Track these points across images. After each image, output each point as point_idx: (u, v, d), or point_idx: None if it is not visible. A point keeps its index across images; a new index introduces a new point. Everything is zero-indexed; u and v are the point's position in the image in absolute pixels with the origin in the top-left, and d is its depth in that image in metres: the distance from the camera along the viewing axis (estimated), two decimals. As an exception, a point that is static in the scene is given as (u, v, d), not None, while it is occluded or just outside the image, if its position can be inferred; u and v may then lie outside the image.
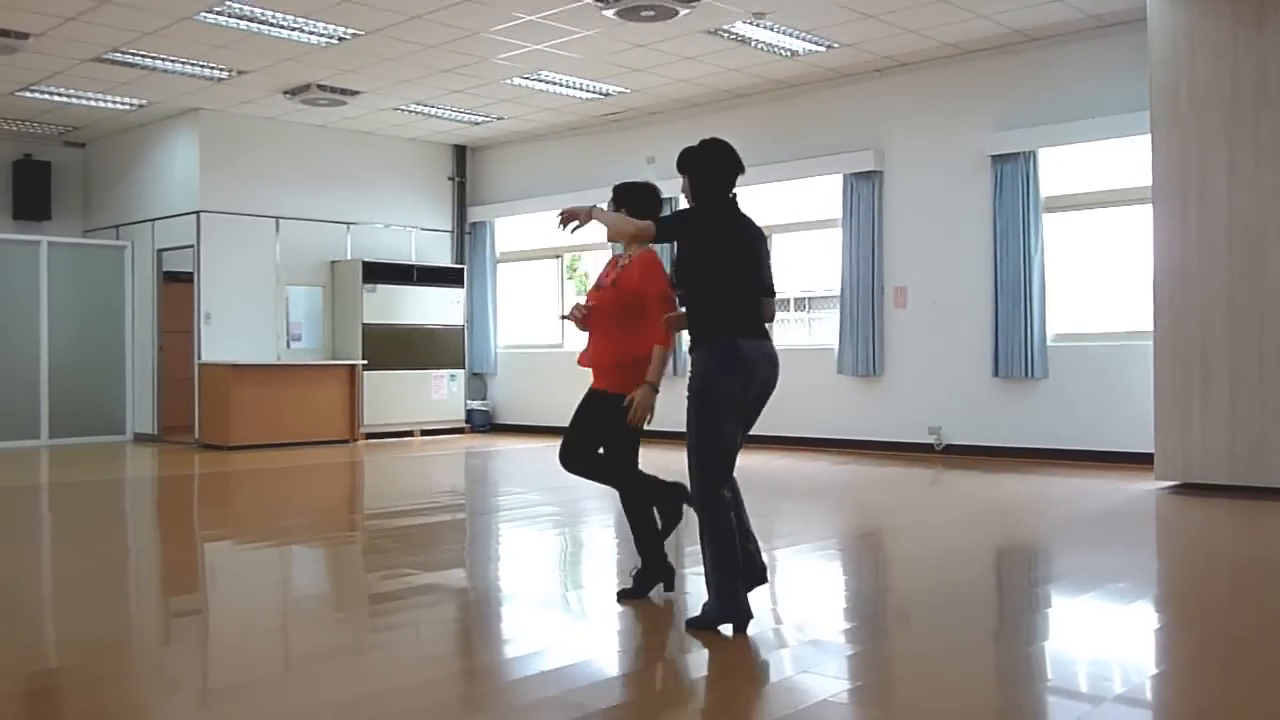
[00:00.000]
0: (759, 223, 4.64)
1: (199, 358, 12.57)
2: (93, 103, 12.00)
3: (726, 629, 4.17)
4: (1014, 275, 10.02)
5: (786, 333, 12.44)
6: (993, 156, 10.20)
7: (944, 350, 10.60)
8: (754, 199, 12.10)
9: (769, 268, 4.50)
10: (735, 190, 4.44)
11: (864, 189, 11.08)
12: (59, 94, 11.63)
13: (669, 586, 4.72)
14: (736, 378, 4.25)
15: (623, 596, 4.70)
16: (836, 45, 10.13)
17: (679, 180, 4.49)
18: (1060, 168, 10.11)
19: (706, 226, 4.33)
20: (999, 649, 4.22)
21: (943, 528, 6.93)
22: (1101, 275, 10.01)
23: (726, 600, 4.17)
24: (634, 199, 4.66)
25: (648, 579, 4.70)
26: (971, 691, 3.61)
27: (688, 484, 4.32)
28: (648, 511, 4.69)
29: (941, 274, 10.65)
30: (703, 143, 4.46)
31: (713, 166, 4.39)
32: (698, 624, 4.22)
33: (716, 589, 4.20)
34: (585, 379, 4.90)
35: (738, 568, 4.21)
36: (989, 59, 10.33)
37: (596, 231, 4.64)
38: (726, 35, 9.77)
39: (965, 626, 4.45)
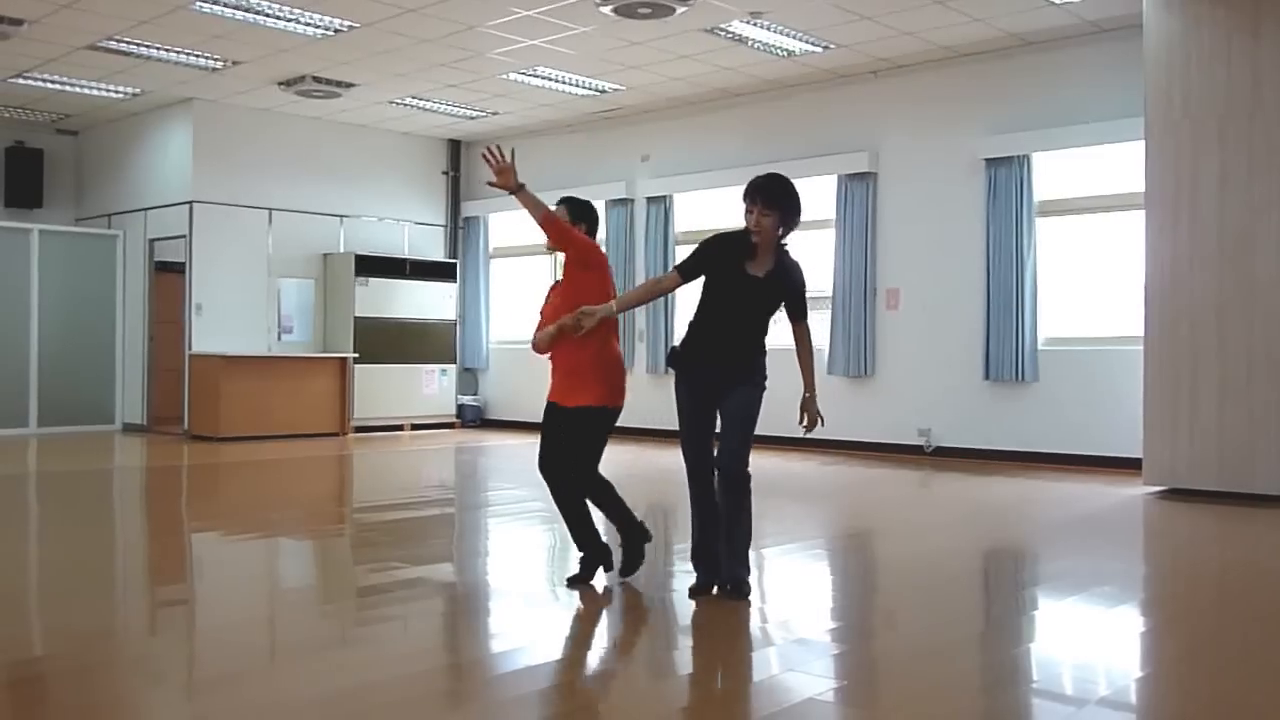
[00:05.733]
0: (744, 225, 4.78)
1: (189, 348, 12.54)
2: (86, 91, 11.96)
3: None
4: (1006, 279, 10.04)
5: (778, 332, 12.44)
6: (987, 160, 10.22)
7: (935, 352, 10.62)
8: (748, 198, 12.12)
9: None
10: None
11: (858, 190, 11.09)
12: (52, 81, 11.59)
13: (609, 567, 5.00)
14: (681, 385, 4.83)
15: (572, 582, 4.95)
16: (832, 46, 10.14)
17: (669, 180, 4.67)
18: (1054, 172, 10.13)
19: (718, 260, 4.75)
20: (985, 650, 4.23)
21: (931, 529, 6.95)
22: (1093, 280, 10.04)
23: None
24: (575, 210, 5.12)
25: (591, 564, 4.99)
26: (957, 692, 3.62)
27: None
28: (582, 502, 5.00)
29: (934, 276, 10.66)
30: (787, 180, 4.68)
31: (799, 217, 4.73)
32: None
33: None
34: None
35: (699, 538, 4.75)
36: (984, 62, 10.34)
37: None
38: (723, 34, 9.77)
39: (951, 627, 4.46)
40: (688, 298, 13.61)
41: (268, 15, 9.36)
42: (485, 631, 4.46)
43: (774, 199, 4.55)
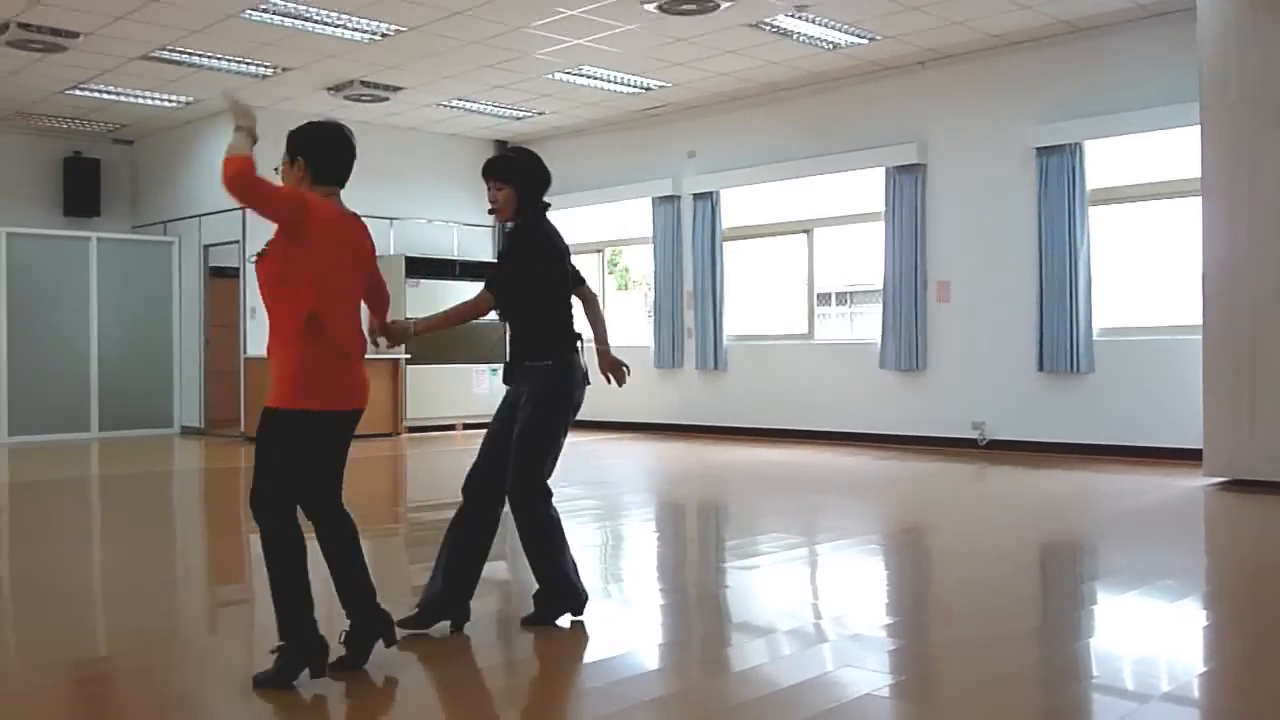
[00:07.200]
0: (801, 216, 4.68)
1: (245, 352, 12.70)
2: (140, 100, 12.16)
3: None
4: (1059, 269, 9.91)
5: (829, 327, 12.38)
6: (1038, 149, 10.09)
7: (987, 344, 10.51)
8: (795, 192, 12.09)
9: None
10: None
11: (907, 182, 11.00)
12: (108, 92, 11.79)
13: (319, 671, 3.56)
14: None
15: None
16: (879, 37, 10.06)
17: (716, 175, 4.57)
18: (1107, 160, 9.98)
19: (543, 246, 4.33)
20: (1043, 645, 4.18)
21: (986, 523, 6.88)
22: (1149, 268, 9.88)
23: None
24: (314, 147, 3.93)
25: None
26: (1015, 688, 3.58)
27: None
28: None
29: (985, 268, 10.55)
30: (528, 151, 4.39)
31: (543, 178, 4.32)
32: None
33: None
34: (630, 372, 4.92)
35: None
36: (1034, 50, 10.21)
37: (639, 225, 4.70)
38: (768, 28, 9.73)
39: (1008, 622, 4.41)
40: (737, 295, 13.54)
41: (316, 21, 9.46)
42: (539, 629, 4.48)
43: (504, 173, 4.27)
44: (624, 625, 4.45)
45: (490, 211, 4.35)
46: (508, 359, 4.43)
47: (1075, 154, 9.89)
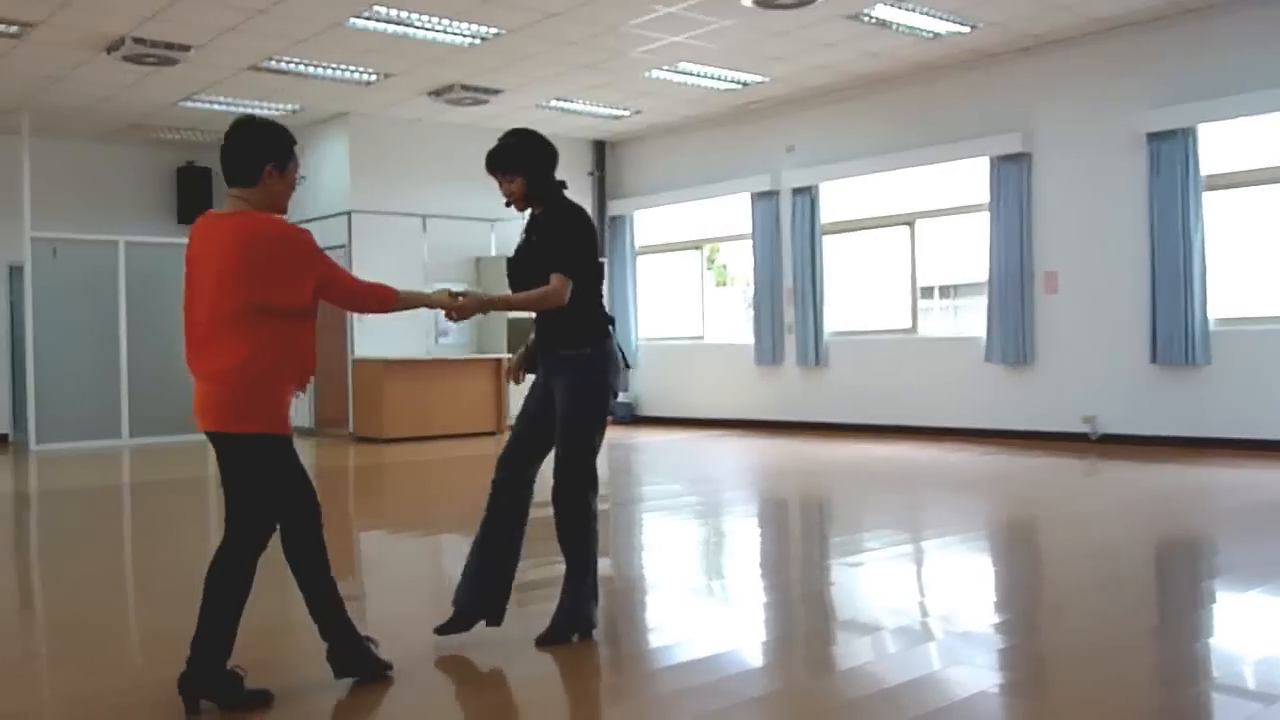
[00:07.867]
0: (902, 209, 4.55)
1: (352, 354, 12.99)
2: (249, 110, 12.50)
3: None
4: (1172, 257, 9.61)
5: (932, 321, 12.18)
6: (1148, 135, 9.80)
7: (1098, 336, 10.25)
8: (896, 185, 11.92)
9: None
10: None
11: (1012, 172, 10.78)
12: (218, 103, 12.16)
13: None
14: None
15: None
16: (981, 25, 9.88)
17: (815, 169, 4.43)
18: (1222, 144, 9.65)
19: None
20: (1160, 644, 4.06)
21: (1098, 519, 6.70)
22: (1269, 255, 9.53)
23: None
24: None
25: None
26: (1132, 687, 3.49)
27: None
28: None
29: (1094, 258, 10.29)
30: (528, 132, 4.17)
31: (550, 156, 4.14)
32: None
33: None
34: (731, 370, 4.90)
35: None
36: (1142, 33, 9.92)
37: (738, 221, 4.64)
38: (867, 19, 9.62)
39: (1123, 621, 4.30)
40: (838, 290, 13.36)
41: (417, 27, 9.63)
42: (645, 625, 4.50)
43: (510, 165, 4.09)
44: (729, 622, 4.44)
45: (508, 204, 4.17)
46: (534, 345, 4.16)
47: (1188, 139, 9.58)
